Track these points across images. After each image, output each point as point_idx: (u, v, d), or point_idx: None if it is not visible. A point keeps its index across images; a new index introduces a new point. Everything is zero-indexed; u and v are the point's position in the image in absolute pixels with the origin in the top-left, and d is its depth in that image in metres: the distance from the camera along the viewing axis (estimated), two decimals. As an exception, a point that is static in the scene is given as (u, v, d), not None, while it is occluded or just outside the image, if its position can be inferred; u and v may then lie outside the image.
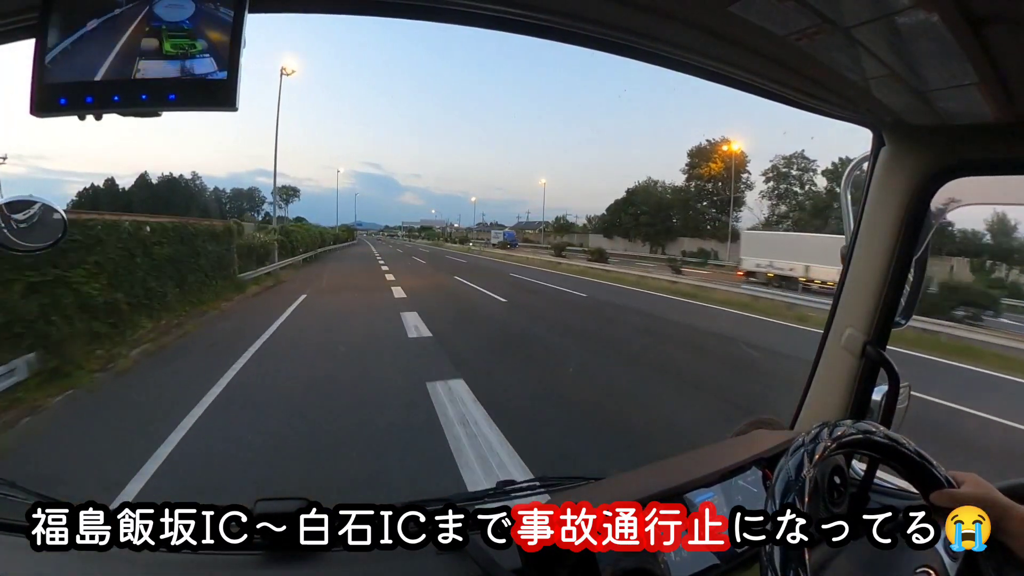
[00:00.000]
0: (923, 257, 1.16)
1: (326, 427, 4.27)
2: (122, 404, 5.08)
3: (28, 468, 3.49)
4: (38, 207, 0.80)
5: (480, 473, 3.45)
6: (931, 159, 1.05)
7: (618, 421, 4.73)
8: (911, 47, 0.72)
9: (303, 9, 0.78)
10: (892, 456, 0.78)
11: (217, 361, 6.20)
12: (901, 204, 1.09)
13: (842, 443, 0.73)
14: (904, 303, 1.19)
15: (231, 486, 3.22)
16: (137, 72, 0.65)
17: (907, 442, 0.78)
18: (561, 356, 7.40)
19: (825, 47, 0.75)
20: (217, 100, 0.67)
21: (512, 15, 0.78)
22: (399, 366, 6.27)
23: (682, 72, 0.91)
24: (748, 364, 7.53)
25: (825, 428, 0.73)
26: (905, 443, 0.78)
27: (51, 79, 0.65)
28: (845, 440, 0.73)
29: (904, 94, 0.89)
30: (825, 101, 1.00)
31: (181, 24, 0.66)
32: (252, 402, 4.91)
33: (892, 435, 0.78)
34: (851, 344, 1.19)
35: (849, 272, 1.21)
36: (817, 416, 1.26)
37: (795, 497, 0.64)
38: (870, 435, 0.76)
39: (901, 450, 0.77)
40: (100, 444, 3.98)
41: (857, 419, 0.83)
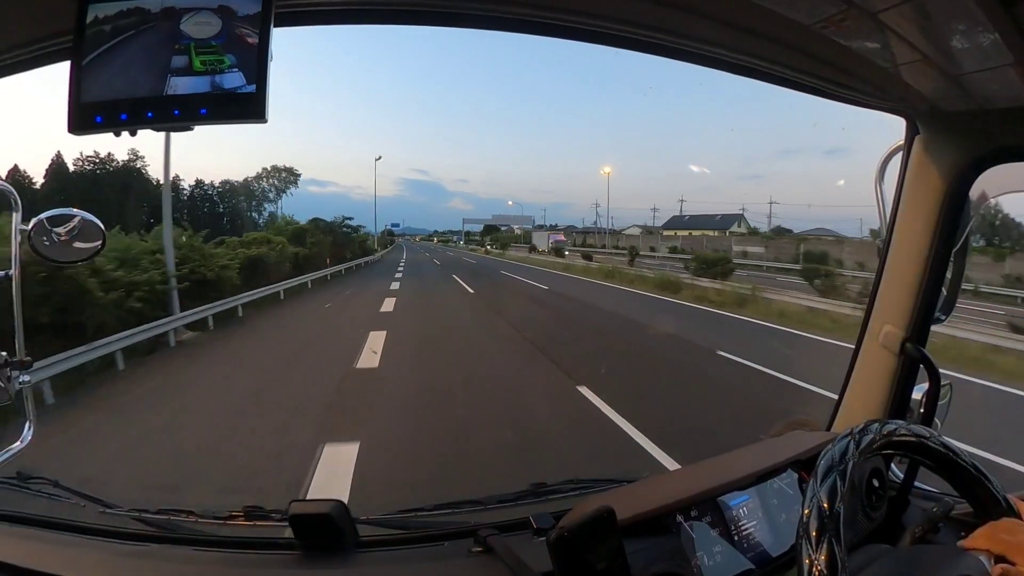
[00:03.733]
0: (962, 249, 1.12)
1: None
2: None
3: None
4: (77, 220, 0.84)
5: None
6: (968, 146, 1.01)
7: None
8: (942, 29, 0.70)
9: (326, 21, 0.80)
10: (933, 458, 0.75)
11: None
12: (938, 194, 1.05)
13: (889, 444, 0.70)
14: (944, 297, 1.15)
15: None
16: (169, 88, 0.68)
17: (949, 443, 0.74)
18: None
19: (853, 34, 0.73)
20: (247, 113, 0.69)
21: (542, 18, 0.79)
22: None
23: (708, 67, 0.91)
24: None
25: (875, 423, 0.70)
26: (957, 451, 0.74)
27: (87, 99, 0.68)
28: (890, 440, 0.70)
29: (937, 79, 0.86)
30: (855, 90, 0.97)
31: (209, 41, 0.68)
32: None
33: (933, 436, 0.74)
34: (889, 342, 1.15)
35: (885, 267, 1.17)
36: (855, 416, 1.22)
37: (837, 476, 0.62)
38: (915, 437, 0.73)
39: (942, 452, 0.74)
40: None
41: (896, 419, 0.80)
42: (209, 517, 0.85)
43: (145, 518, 0.85)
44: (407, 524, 0.85)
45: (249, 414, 5.09)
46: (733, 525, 0.90)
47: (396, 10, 0.80)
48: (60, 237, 0.82)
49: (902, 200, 1.12)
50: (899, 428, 0.71)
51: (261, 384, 6.21)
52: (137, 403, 5.87)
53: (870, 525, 1.03)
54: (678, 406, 5.46)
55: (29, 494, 0.90)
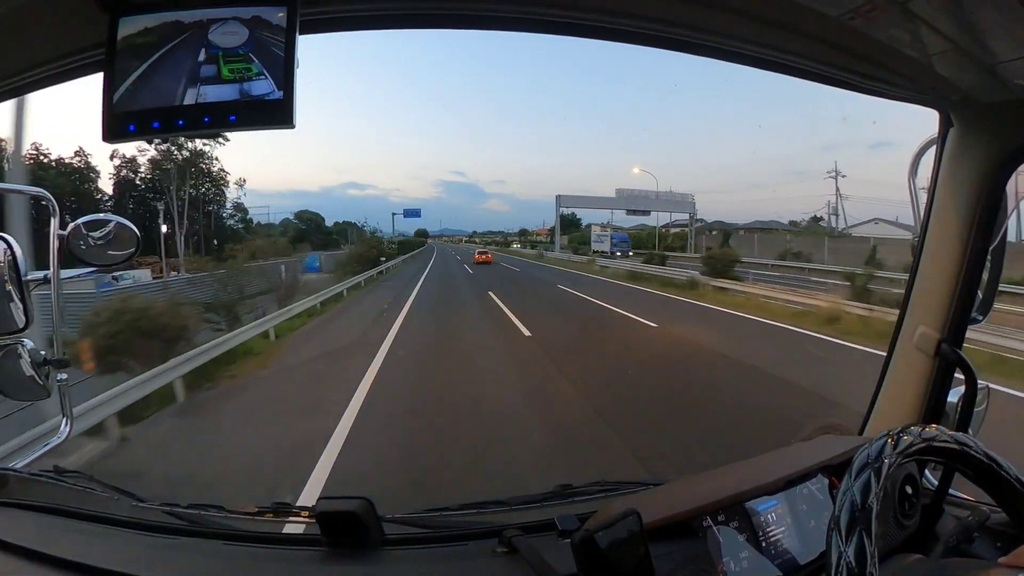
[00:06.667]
0: (1000, 246, 1.08)
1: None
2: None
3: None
4: (113, 224, 0.87)
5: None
6: (1005, 138, 0.98)
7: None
8: (973, 17, 0.68)
9: (349, 28, 0.82)
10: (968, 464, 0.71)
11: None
12: (974, 190, 1.01)
13: (911, 453, 0.67)
14: (981, 297, 1.10)
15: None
16: (199, 97, 0.70)
17: (984, 448, 0.71)
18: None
19: (881, 24, 0.72)
20: (275, 119, 0.71)
21: (572, 19, 0.79)
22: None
23: (735, 62, 0.89)
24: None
25: (890, 438, 0.67)
26: (1002, 463, 0.70)
27: (120, 108, 0.70)
28: (915, 450, 0.67)
29: (970, 69, 0.83)
30: (885, 82, 0.94)
31: (237, 50, 0.70)
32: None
33: (968, 441, 0.71)
34: (924, 343, 1.11)
35: (920, 266, 1.13)
36: (888, 421, 1.18)
37: (862, 530, 0.60)
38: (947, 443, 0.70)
39: (978, 457, 0.70)
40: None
41: (932, 423, 0.77)
42: (238, 512, 0.87)
43: (176, 512, 0.87)
44: (432, 523, 0.86)
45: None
46: (761, 531, 0.88)
47: (420, 15, 0.81)
48: (96, 241, 0.85)
49: (936, 196, 1.09)
50: (941, 434, 0.68)
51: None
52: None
53: (902, 533, 0.99)
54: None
55: (65, 487, 0.94)
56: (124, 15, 0.69)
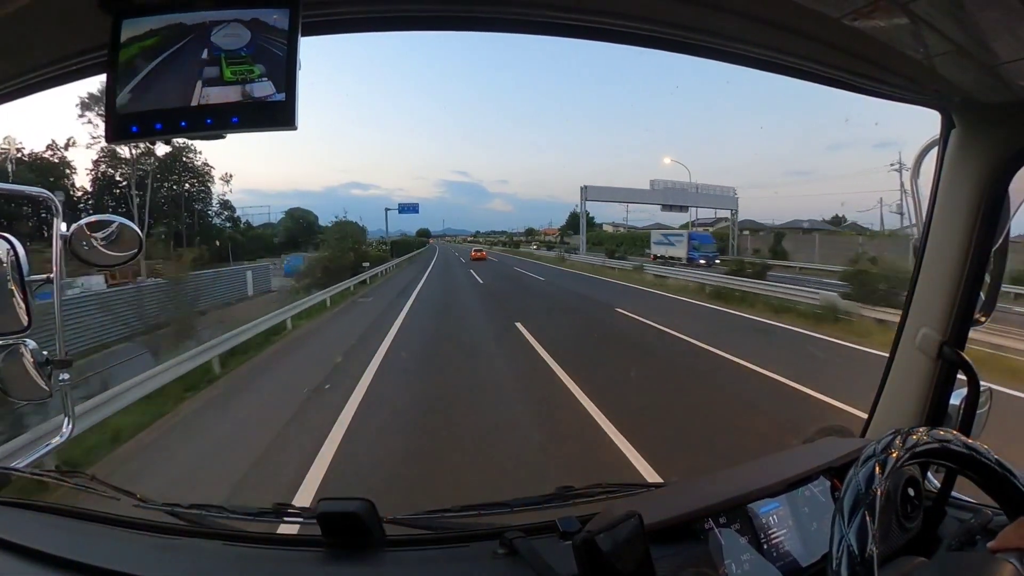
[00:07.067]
0: (1003, 247, 1.07)
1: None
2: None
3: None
4: (116, 225, 0.87)
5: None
6: (1007, 139, 0.97)
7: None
8: (975, 18, 0.68)
9: (350, 30, 0.82)
10: (972, 467, 0.71)
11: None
12: (976, 190, 1.01)
13: (918, 453, 0.67)
14: (983, 299, 1.10)
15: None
16: (201, 98, 0.70)
17: (987, 451, 0.70)
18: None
19: (882, 25, 0.71)
20: (277, 121, 0.71)
21: (572, 21, 0.80)
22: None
23: (737, 64, 0.90)
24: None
25: (899, 436, 0.67)
26: (986, 453, 0.70)
27: (123, 109, 0.71)
28: (921, 450, 0.67)
29: (972, 70, 0.83)
30: (886, 83, 0.94)
31: (239, 52, 0.70)
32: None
33: (972, 444, 0.71)
34: (926, 345, 1.11)
35: (922, 267, 1.13)
36: (890, 423, 1.17)
37: (865, 511, 0.60)
38: (952, 445, 0.69)
39: (982, 460, 0.70)
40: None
41: (934, 425, 0.77)
42: (239, 513, 0.87)
43: (177, 512, 0.87)
44: (433, 525, 0.85)
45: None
46: (762, 533, 0.88)
47: (422, 17, 0.81)
48: (98, 242, 0.86)
49: (938, 198, 1.08)
50: (955, 439, 0.68)
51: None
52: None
53: (904, 536, 0.99)
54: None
55: (67, 487, 0.94)
56: (127, 17, 0.70)
